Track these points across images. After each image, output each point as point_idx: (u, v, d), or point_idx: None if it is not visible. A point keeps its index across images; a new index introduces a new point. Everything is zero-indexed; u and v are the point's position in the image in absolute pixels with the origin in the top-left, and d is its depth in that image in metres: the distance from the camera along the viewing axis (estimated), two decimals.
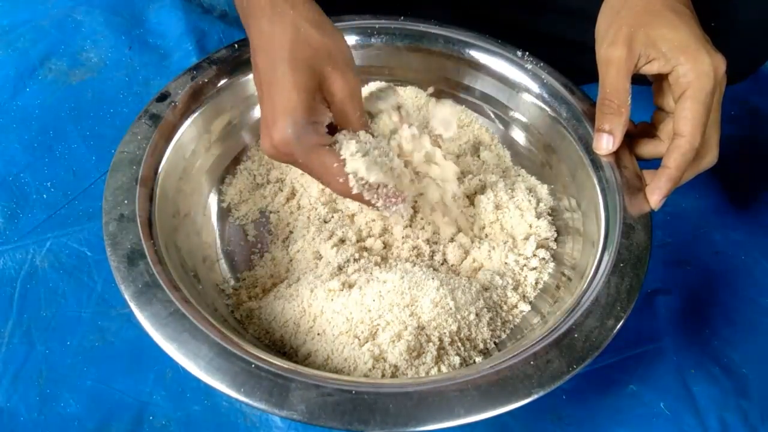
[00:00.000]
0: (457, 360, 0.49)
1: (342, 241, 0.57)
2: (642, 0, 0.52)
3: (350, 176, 0.47)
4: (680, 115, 0.50)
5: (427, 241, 0.58)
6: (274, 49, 0.47)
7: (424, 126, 0.61)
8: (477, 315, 0.52)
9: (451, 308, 0.50)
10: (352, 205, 0.60)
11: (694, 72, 0.49)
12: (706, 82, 0.48)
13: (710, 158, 0.52)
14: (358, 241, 0.58)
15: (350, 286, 0.52)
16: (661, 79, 0.53)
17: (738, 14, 0.65)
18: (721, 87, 0.50)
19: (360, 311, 0.50)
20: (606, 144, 0.54)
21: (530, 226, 0.59)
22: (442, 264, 0.58)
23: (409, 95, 0.69)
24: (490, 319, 0.53)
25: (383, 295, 0.50)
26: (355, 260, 0.56)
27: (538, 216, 0.60)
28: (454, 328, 0.50)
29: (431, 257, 0.58)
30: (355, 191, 0.48)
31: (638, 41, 0.51)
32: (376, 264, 0.56)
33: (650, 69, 0.52)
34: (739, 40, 0.66)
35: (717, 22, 0.63)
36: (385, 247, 0.58)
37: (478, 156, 0.66)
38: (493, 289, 0.55)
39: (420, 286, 0.51)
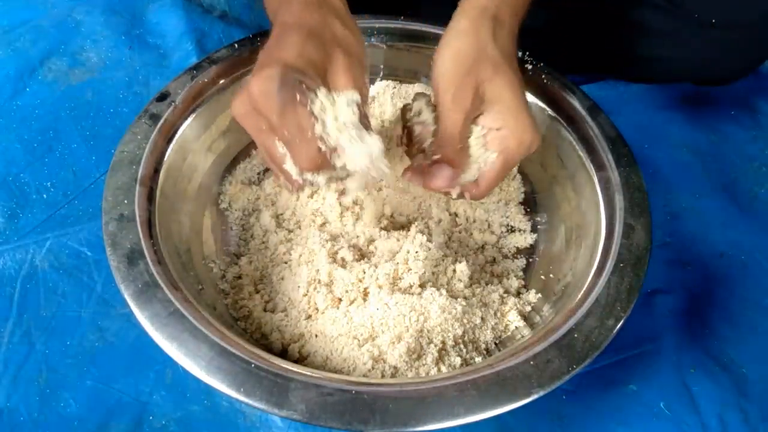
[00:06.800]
0: (458, 361, 0.49)
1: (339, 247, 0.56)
2: (488, 50, 0.49)
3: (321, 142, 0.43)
4: (486, 168, 0.50)
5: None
6: (293, 23, 0.46)
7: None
8: (482, 318, 0.52)
9: (457, 313, 0.50)
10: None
11: (515, 139, 0.48)
12: (523, 150, 0.48)
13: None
14: (358, 250, 0.58)
15: (351, 301, 0.52)
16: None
17: (739, 12, 0.65)
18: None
19: (361, 313, 0.50)
20: (441, 183, 0.51)
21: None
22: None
23: (420, 90, 0.68)
24: (495, 323, 0.53)
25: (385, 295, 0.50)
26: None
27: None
28: (459, 332, 0.50)
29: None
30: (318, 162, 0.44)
31: (478, 98, 0.49)
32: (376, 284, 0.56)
33: (478, 120, 0.50)
34: (740, 37, 0.66)
35: (718, 19, 0.63)
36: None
37: None
38: (497, 289, 0.55)
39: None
